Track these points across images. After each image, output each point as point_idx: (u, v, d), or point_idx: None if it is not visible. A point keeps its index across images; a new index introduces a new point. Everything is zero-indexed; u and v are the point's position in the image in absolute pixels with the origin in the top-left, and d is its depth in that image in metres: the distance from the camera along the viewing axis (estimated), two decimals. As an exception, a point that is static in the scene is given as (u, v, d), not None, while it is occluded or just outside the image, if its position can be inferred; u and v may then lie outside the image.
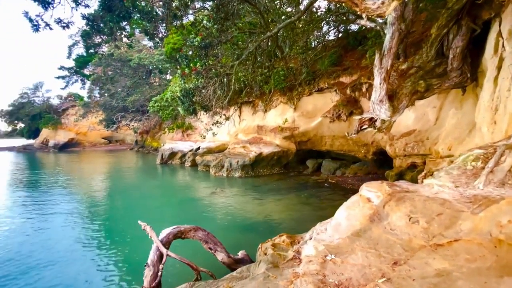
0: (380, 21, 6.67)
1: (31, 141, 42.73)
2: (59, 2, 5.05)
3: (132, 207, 8.99)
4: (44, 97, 42.23)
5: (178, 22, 6.98)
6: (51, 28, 5.34)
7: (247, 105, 15.55)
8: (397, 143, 8.47)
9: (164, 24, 7.47)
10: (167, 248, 4.09)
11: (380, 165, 11.12)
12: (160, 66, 28.33)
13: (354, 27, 12.17)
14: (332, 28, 11.34)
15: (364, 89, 10.40)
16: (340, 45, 12.13)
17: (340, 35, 12.15)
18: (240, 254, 4.66)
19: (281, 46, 9.90)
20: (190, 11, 8.98)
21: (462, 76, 5.46)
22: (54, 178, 15.39)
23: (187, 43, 6.62)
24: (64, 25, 5.47)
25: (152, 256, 4.00)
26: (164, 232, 4.28)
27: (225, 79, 7.73)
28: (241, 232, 6.32)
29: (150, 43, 31.25)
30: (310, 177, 12.27)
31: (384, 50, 5.19)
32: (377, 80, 5.31)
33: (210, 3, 7.76)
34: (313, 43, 12.79)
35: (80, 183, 13.98)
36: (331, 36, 12.84)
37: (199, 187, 11.66)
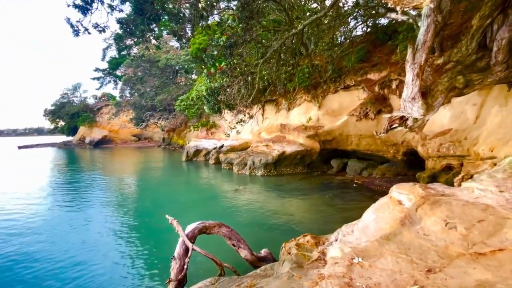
0: (414, 13, 6.28)
1: (70, 138, 46.39)
2: (97, 8, 5.42)
3: (159, 202, 9.39)
4: (81, 97, 45.57)
5: (204, 22, 7.14)
6: (89, 33, 5.75)
7: (271, 103, 15.50)
8: (431, 143, 7.94)
9: (191, 25, 7.66)
10: (193, 243, 4.21)
11: (410, 166, 10.52)
12: (186, 66, 29.21)
13: (383, 21, 11.60)
14: (360, 23, 10.89)
15: (394, 86, 9.90)
16: (368, 40, 11.63)
17: (368, 30, 11.64)
18: (263, 252, 4.67)
19: (306, 43, 9.72)
20: (215, 11, 9.15)
21: (508, 71, 4.97)
22: (90, 172, 16.57)
23: (213, 43, 6.75)
24: (101, 29, 5.87)
25: (178, 250, 4.14)
26: (190, 227, 4.41)
27: (249, 78, 7.78)
28: (263, 230, 6.34)
29: (177, 44, 32.35)
30: (334, 177, 11.96)
31: (417, 44, 4.88)
32: (409, 76, 5.01)
33: (235, 2, 7.83)
34: (339, 39, 12.40)
35: (113, 177, 14.89)
36: (359, 32, 12.36)
37: (223, 184, 11.86)
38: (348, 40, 11.61)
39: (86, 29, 5.67)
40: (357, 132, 11.46)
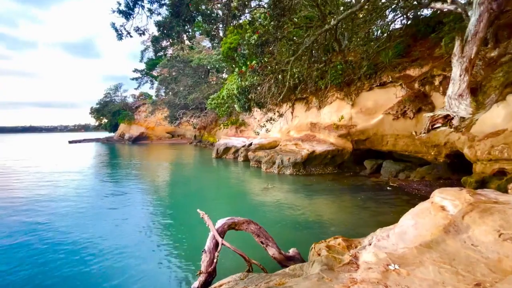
0: (462, 1, 5.71)
1: (111, 134, 50.35)
2: (138, 12, 5.81)
3: (190, 196, 9.78)
4: (122, 96, 49.17)
5: (236, 21, 7.24)
6: (131, 36, 6.21)
7: (300, 101, 15.25)
8: (480, 145, 7.19)
9: (223, 25, 7.83)
10: (222, 237, 4.32)
11: (454, 170, 9.65)
12: (217, 66, 29.93)
13: (426, 12, 10.74)
14: (399, 15, 10.19)
15: (437, 83, 9.13)
16: (408, 33, 10.85)
17: (408, 22, 10.85)
18: (291, 251, 4.63)
19: (339, 39, 9.36)
20: (247, 10, 9.21)
21: None
22: (128, 166, 17.85)
23: (244, 42, 6.82)
24: (141, 32, 6.29)
25: (208, 243, 4.28)
26: (220, 222, 4.52)
27: (279, 76, 7.71)
28: (290, 230, 6.28)
29: (209, 44, 33.27)
30: (367, 178, 11.41)
31: (467, 36, 4.43)
32: (457, 71, 4.58)
33: (267, 0, 7.82)
34: (375, 34, 11.74)
35: (148, 171, 15.86)
36: (397, 25, 11.58)
37: (251, 182, 11.98)
38: (385, 34, 10.95)
39: (128, 33, 6.13)
40: (394, 131, 10.80)
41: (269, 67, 7.58)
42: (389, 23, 10.47)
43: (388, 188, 9.84)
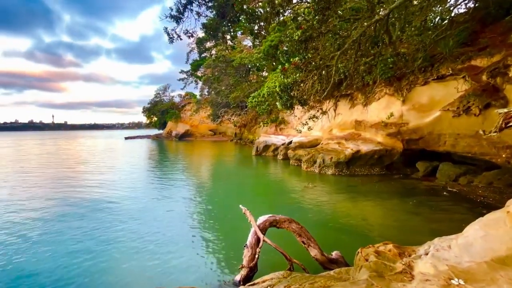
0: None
1: (160, 131, 54.70)
2: (187, 16, 6.19)
3: (230, 192, 10.08)
4: (169, 96, 53.04)
5: (279, 18, 7.18)
6: (181, 39, 6.65)
7: (345, 98, 14.52)
8: None
9: (266, 23, 7.83)
10: (264, 234, 4.36)
11: (533, 176, 8.22)
12: (257, 64, 30.18)
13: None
14: (464, -2, 8.98)
15: (511, 74, 7.85)
16: (474, 18, 9.50)
17: (476, 4, 9.50)
18: (334, 254, 4.46)
19: (390, 30, 8.63)
20: (289, 7, 9.05)
21: None
22: (175, 161, 19.17)
23: (287, 38, 6.73)
24: (189, 34, 6.68)
25: (250, 239, 4.35)
26: (261, 219, 4.57)
27: (323, 72, 7.42)
28: (332, 232, 6.04)
29: (250, 44, 33.74)
30: (420, 182, 10.39)
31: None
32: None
33: (310, -6, 7.60)
34: (433, 21, 10.54)
35: (192, 166, 16.82)
36: (461, 9, 10.22)
37: (291, 181, 11.86)
38: (445, 21, 9.76)
39: (178, 36, 6.56)
40: (454, 130, 9.61)
41: (313, 63, 7.34)
42: (451, 7, 9.29)
43: (445, 193, 8.82)
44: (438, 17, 10.40)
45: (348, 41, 6.80)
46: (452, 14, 9.94)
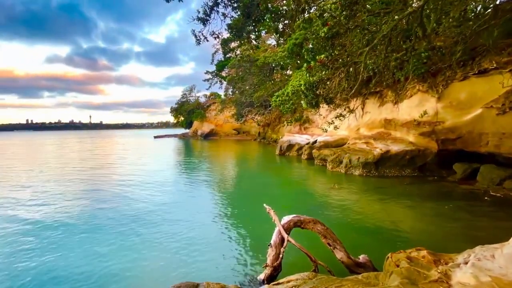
0: None
1: (187, 131, 56.64)
2: (214, 18, 6.34)
3: (254, 191, 10.13)
4: (195, 97, 54.64)
5: (304, 15, 7.05)
6: (207, 40, 6.83)
7: (373, 96, 13.90)
8: None
9: (291, 21, 7.74)
10: (288, 234, 4.32)
11: None
12: (282, 63, 29.95)
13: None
14: (512, -17, 8.10)
15: None
16: (524, 5, 8.56)
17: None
18: (362, 258, 4.30)
19: (424, 23, 8.08)
20: (315, 4, 8.85)
21: None
22: (201, 159, 19.73)
23: (313, 36, 6.58)
24: (216, 36, 6.84)
25: (274, 238, 4.35)
26: (286, 219, 4.54)
27: (351, 69, 7.15)
28: (358, 235, 5.82)
29: (274, 42, 33.58)
30: (457, 185, 9.64)
31: None
32: None
33: (338, -11, 7.34)
34: (474, 11, 9.67)
35: (217, 164, 17.19)
36: (508, -5, 9.21)
37: (315, 181, 11.64)
38: (489, 10, 8.90)
39: (205, 37, 6.75)
40: (498, 129, 8.78)
41: (340, 60, 7.10)
42: (496, -5, 8.46)
43: (487, 198, 8.11)
44: (480, 6, 9.53)
45: (377, 36, 6.48)
46: (497, 2, 9.04)
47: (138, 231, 6.10)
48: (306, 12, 6.84)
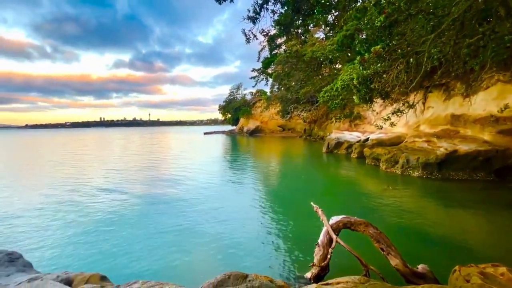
0: None
1: (233, 127, 58.67)
2: (263, 15, 6.41)
3: (300, 189, 9.97)
4: (242, 94, 56.16)
5: (356, 4, 6.60)
6: (257, 38, 6.94)
7: (438, 89, 12.33)
8: None
9: (342, 12, 7.33)
10: (337, 235, 4.17)
11: None
12: (330, 56, 28.64)
13: None
14: None
15: None
16: None
17: None
18: (421, 268, 3.91)
19: (508, 0, 6.79)
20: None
21: None
22: (247, 155, 20.27)
23: (367, 26, 6.09)
24: (265, 33, 6.90)
25: (322, 238, 4.24)
26: (334, 219, 4.37)
27: (412, 60, 6.42)
28: (416, 242, 5.28)
29: (322, 35, 32.29)
30: (549, 193, 7.99)
31: None
32: None
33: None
34: None
35: (263, 161, 17.41)
36: None
37: (367, 181, 10.91)
38: None
39: (255, 36, 6.89)
40: None
41: (399, 51, 6.43)
42: None
43: None
44: None
45: (446, 21, 5.66)
46: None
47: (189, 225, 6.61)
48: (360, 1, 6.37)
